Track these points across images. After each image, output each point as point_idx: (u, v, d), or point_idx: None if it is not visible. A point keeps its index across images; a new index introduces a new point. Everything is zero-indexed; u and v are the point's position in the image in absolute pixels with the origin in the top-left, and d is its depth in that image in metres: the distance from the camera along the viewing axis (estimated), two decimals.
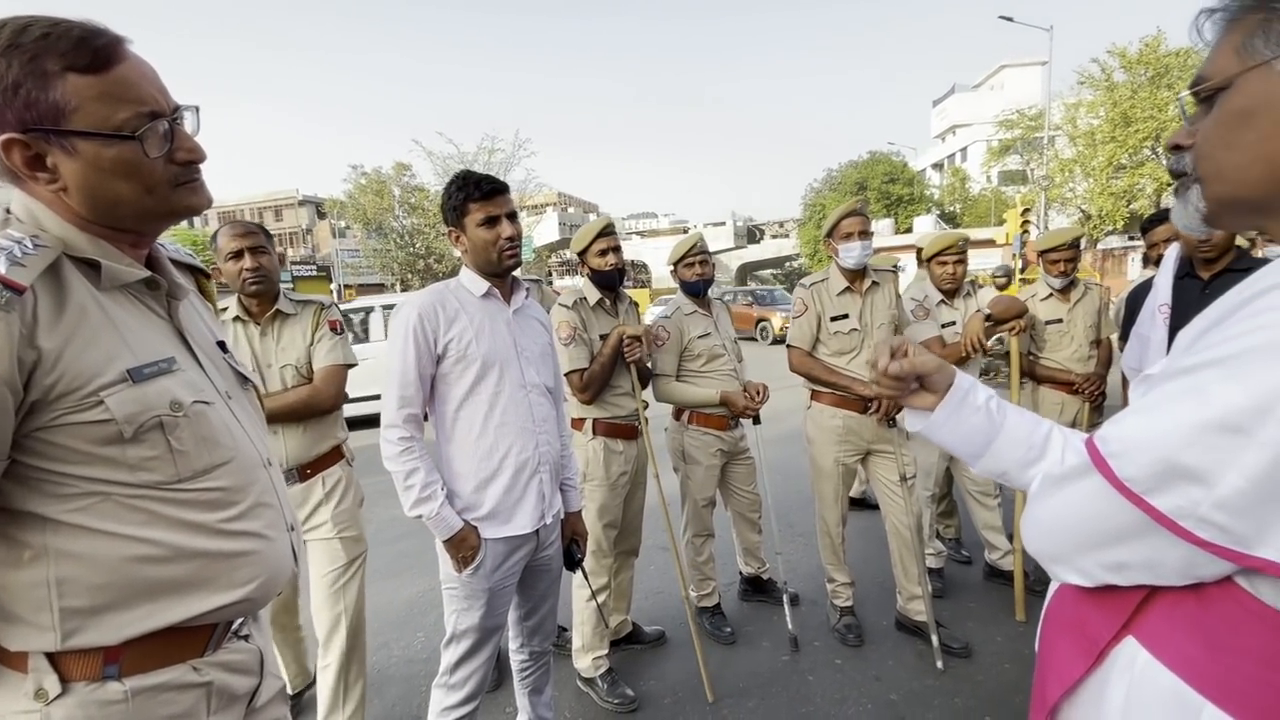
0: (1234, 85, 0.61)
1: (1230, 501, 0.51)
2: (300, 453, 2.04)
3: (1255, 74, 0.59)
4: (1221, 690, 0.57)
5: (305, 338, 2.08)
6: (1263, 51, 0.59)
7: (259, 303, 2.05)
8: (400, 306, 1.64)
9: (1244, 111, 0.60)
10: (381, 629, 3.00)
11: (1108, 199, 18.03)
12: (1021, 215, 14.54)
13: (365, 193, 26.71)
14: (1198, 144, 0.65)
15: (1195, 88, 0.64)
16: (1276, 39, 0.58)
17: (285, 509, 0.97)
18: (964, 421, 0.83)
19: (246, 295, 2.02)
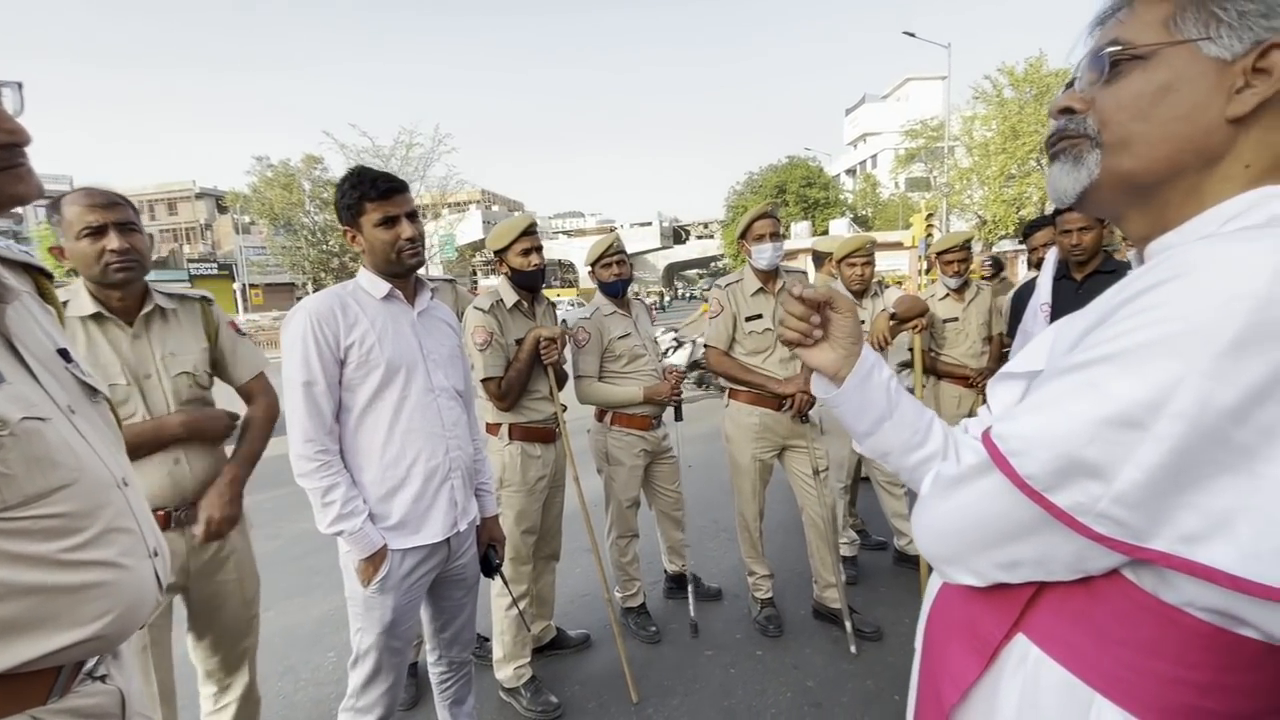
0: (1158, 56, 0.59)
1: (1127, 495, 0.52)
2: (202, 480, 1.68)
3: (1182, 50, 0.59)
4: (1109, 681, 0.58)
5: (200, 340, 1.73)
6: (1192, 31, 0.58)
7: (123, 296, 1.60)
8: (293, 312, 1.54)
9: (1165, 85, 0.59)
10: (287, 651, 2.82)
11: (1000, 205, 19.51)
12: (926, 220, 15.50)
13: (272, 186, 25.11)
14: (1107, 109, 0.63)
15: (1112, 48, 0.62)
16: (1206, 21, 0.58)
17: (147, 533, 0.87)
18: (867, 396, 0.82)
19: (108, 285, 1.56)
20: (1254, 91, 0.56)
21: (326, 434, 1.52)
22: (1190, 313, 0.49)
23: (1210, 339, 0.48)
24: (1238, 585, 0.50)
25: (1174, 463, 0.50)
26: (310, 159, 25.00)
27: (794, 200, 30.43)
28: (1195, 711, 0.55)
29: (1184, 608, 0.55)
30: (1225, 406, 0.48)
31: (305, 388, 1.50)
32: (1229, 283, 0.48)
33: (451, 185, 24.70)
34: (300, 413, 1.50)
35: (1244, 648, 0.53)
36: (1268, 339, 0.47)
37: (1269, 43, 0.56)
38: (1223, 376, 0.48)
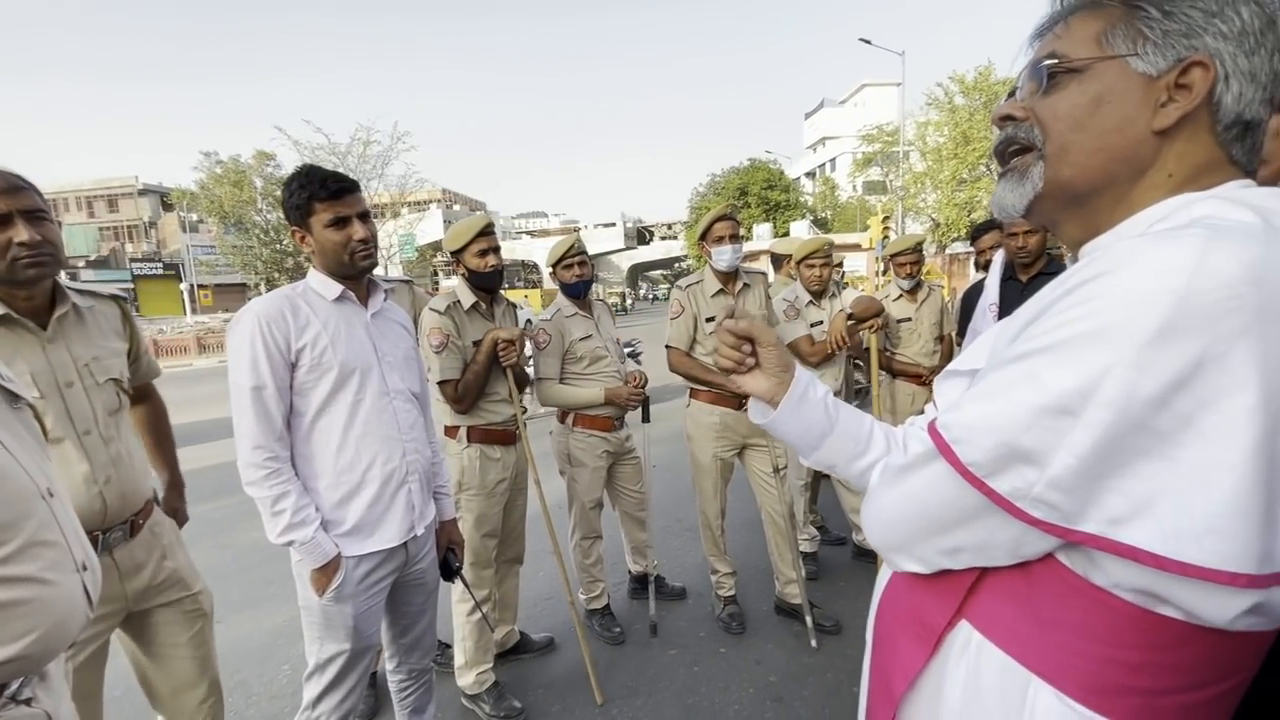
0: (1091, 70, 0.62)
1: (1061, 480, 0.54)
2: (135, 497, 1.53)
3: (1113, 65, 0.62)
4: (1045, 663, 0.60)
5: (121, 344, 1.59)
6: (1122, 46, 0.61)
7: (32, 295, 1.39)
8: (240, 315, 1.48)
9: (1097, 97, 0.62)
10: (240, 665, 2.72)
11: (953, 209, 20.15)
12: (883, 222, 15.91)
13: (221, 183, 24.15)
14: (1046, 119, 0.66)
15: (1049, 61, 0.65)
16: (1134, 38, 0.61)
17: (74, 545, 0.83)
18: (804, 417, 0.85)
19: (16, 284, 1.35)
20: (1176, 106, 0.60)
21: (276, 440, 1.47)
22: (1117, 306, 0.52)
23: (1135, 331, 0.51)
24: (1159, 564, 0.53)
25: (1102, 448, 0.53)
26: (262, 155, 24.14)
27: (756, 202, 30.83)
28: (1126, 690, 0.58)
29: (1112, 590, 0.58)
30: (1148, 395, 0.51)
31: (254, 392, 1.45)
32: (1152, 279, 0.51)
33: (411, 184, 24.20)
34: (249, 418, 1.45)
35: (1168, 627, 0.56)
36: (1186, 332, 0.49)
37: (1189, 60, 0.59)
38: (1146, 367, 0.51)
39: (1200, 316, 0.49)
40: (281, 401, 1.48)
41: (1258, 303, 0.49)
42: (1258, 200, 0.57)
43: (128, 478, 1.50)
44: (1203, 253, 0.50)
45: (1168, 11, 0.60)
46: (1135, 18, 0.61)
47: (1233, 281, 0.49)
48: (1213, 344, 0.49)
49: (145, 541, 1.56)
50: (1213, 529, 0.51)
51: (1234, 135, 0.61)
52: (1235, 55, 0.59)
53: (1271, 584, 0.53)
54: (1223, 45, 0.59)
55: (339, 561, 1.51)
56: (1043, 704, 0.60)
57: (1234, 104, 0.59)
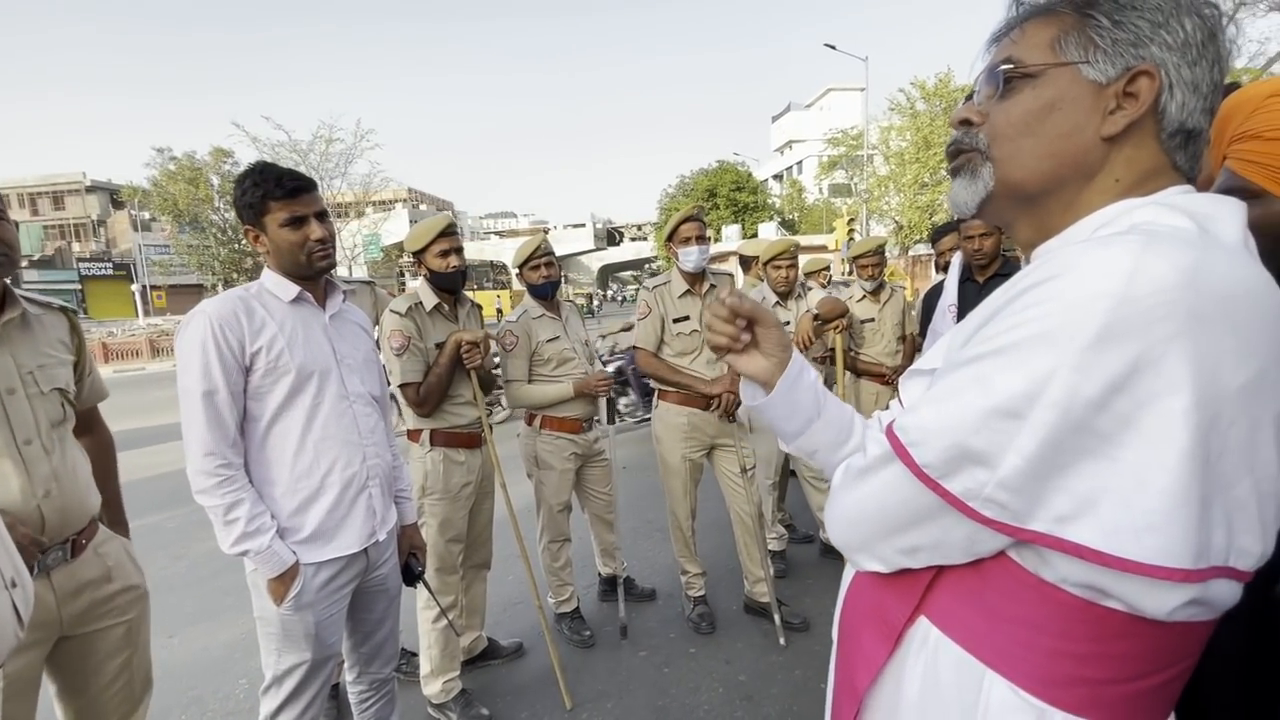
0: (1044, 76, 0.64)
1: (1010, 481, 0.56)
2: (78, 514, 1.43)
3: (1065, 71, 0.63)
4: (999, 656, 0.62)
5: (69, 356, 1.50)
6: (1074, 54, 0.63)
7: None
8: (190, 317, 1.43)
9: (1049, 103, 0.63)
10: (192, 681, 2.62)
11: (915, 212, 20.65)
12: (848, 224, 16.21)
13: (175, 181, 23.35)
14: (997, 124, 0.67)
15: (1005, 66, 0.66)
16: (1085, 44, 0.62)
17: (3, 561, 0.79)
18: (796, 400, 0.84)
19: None
20: (1124, 114, 0.62)
21: (229, 447, 1.42)
22: (1060, 311, 0.54)
23: (1077, 335, 0.52)
24: (1101, 560, 0.54)
25: (1047, 449, 0.54)
26: (219, 152, 23.40)
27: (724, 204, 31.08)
28: (1074, 681, 0.60)
29: (1059, 584, 0.59)
30: (1088, 397, 0.52)
31: (206, 397, 1.39)
32: (1092, 284, 0.53)
33: (375, 183, 23.76)
34: (200, 425, 1.40)
35: (1111, 620, 0.58)
36: (1123, 335, 0.51)
37: (1136, 69, 0.61)
38: (1086, 369, 0.52)
39: (1136, 321, 0.51)
40: (235, 406, 1.44)
41: (1190, 307, 0.50)
42: (1195, 206, 0.59)
43: (70, 492, 1.41)
44: (1138, 258, 0.52)
45: (1117, 20, 0.62)
46: (1087, 25, 0.63)
47: (1166, 286, 0.51)
48: (1148, 347, 0.51)
49: (88, 563, 1.45)
50: (1151, 526, 0.53)
51: (1178, 143, 0.63)
52: (1179, 65, 0.61)
53: (1207, 577, 0.55)
54: (1168, 55, 0.61)
55: (297, 569, 1.47)
56: (996, 696, 0.62)
57: (1178, 113, 0.61)
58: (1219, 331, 0.51)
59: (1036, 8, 0.67)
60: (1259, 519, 0.56)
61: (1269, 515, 0.56)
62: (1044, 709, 0.60)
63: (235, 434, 1.44)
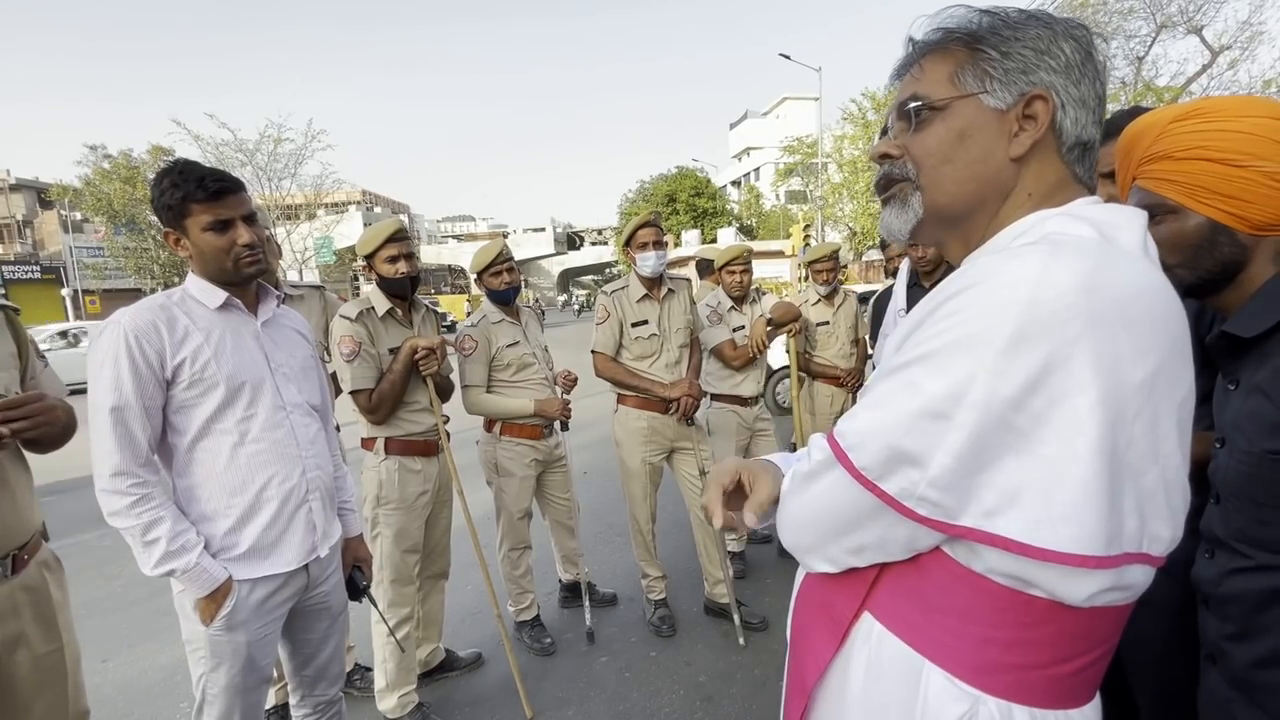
0: (950, 108, 0.69)
1: (940, 479, 0.59)
2: (18, 527, 1.35)
3: (969, 102, 0.68)
4: (934, 646, 0.66)
5: (11, 357, 1.44)
6: (972, 85, 0.68)
7: None
8: (104, 328, 1.34)
9: (961, 132, 0.68)
10: (130, 707, 2.49)
11: (868, 218, 21.25)
12: (804, 230, 16.56)
13: (110, 180, 22.20)
14: (918, 155, 0.72)
15: (914, 103, 0.71)
16: (981, 76, 0.67)
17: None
18: None
19: None
20: (1028, 134, 0.67)
21: (141, 465, 1.35)
22: (977, 317, 0.58)
23: (992, 339, 0.56)
24: (1023, 550, 0.58)
25: (972, 447, 0.58)
26: (158, 150, 22.31)
27: (684, 209, 31.38)
28: (1003, 667, 0.64)
29: (987, 574, 0.63)
30: (1006, 396, 0.56)
31: (114, 413, 1.31)
32: (1004, 291, 0.57)
33: (328, 184, 23.09)
34: (108, 442, 1.31)
35: (1034, 607, 0.62)
36: (1033, 339, 0.55)
37: (1031, 94, 0.67)
38: (1003, 371, 0.56)
39: (1044, 324, 0.55)
40: (149, 423, 1.35)
41: (1090, 310, 0.55)
42: (1099, 216, 0.64)
43: (13, 505, 1.34)
44: (1044, 267, 0.56)
45: (1005, 52, 0.67)
46: (979, 59, 0.68)
47: (1068, 291, 0.55)
48: (1056, 349, 0.55)
49: (29, 581, 1.37)
50: (1065, 516, 0.57)
51: (1075, 155, 0.69)
52: (1066, 85, 0.67)
53: (1121, 563, 0.59)
54: (1055, 78, 0.66)
55: (229, 586, 1.40)
56: (934, 685, 0.65)
57: (1073, 128, 0.67)
58: (1117, 331, 0.55)
59: (930, 44, 0.72)
60: (1167, 505, 0.60)
61: (1176, 501, 0.61)
62: (978, 695, 0.64)
63: (148, 451, 1.37)
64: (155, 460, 1.39)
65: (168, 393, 1.38)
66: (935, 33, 0.71)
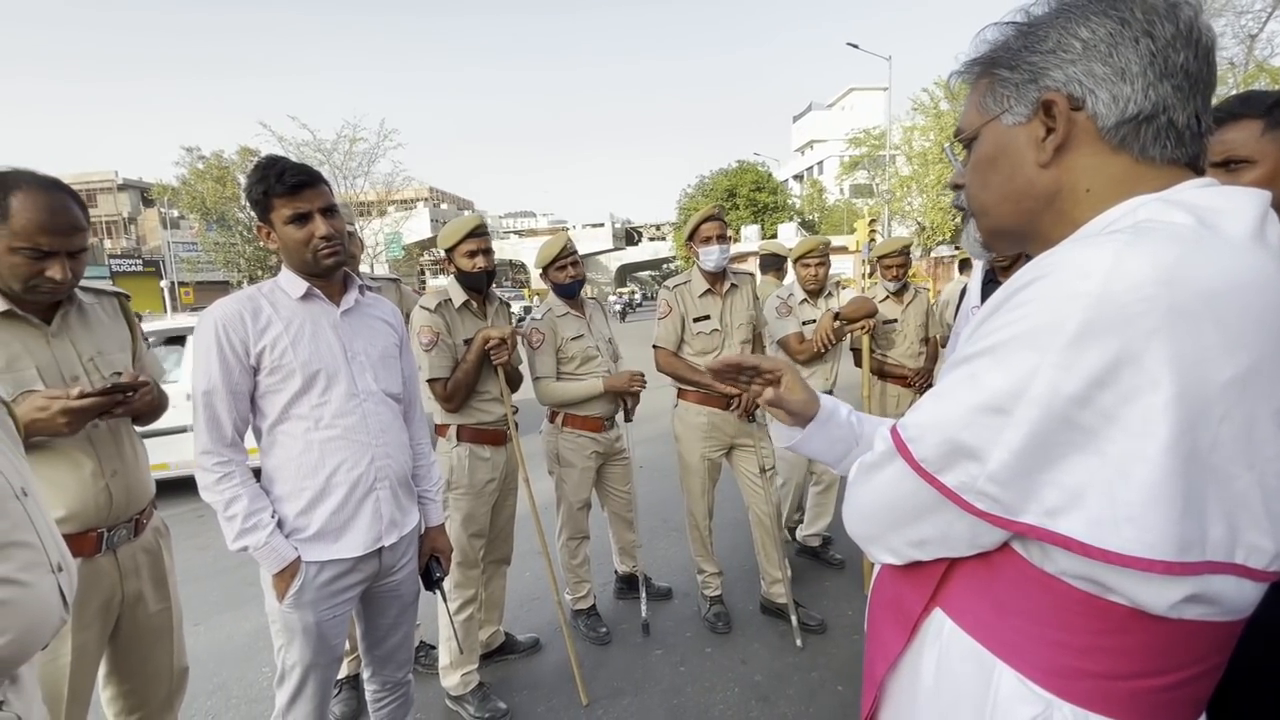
0: (980, 136, 0.71)
1: (999, 474, 0.58)
2: (141, 494, 1.52)
3: (994, 126, 0.69)
4: (1007, 647, 0.64)
5: (124, 340, 1.57)
6: (993, 108, 0.69)
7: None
8: (201, 318, 1.45)
9: (989, 158, 0.70)
10: (217, 669, 2.68)
11: (938, 213, 20.41)
12: (869, 225, 16.06)
13: (203, 179, 23.83)
14: (966, 185, 0.75)
15: (957, 138, 0.75)
16: (1000, 98, 0.68)
17: (49, 546, 0.82)
18: (829, 435, 0.93)
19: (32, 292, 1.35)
20: (1051, 139, 0.65)
21: (226, 445, 1.44)
22: (1043, 310, 0.56)
23: (1056, 333, 0.54)
24: (1085, 551, 0.56)
25: (1033, 444, 0.56)
26: (246, 151, 23.80)
27: (744, 204, 30.98)
28: (1078, 673, 0.61)
29: (1060, 576, 0.61)
30: (1070, 393, 0.54)
31: (204, 396, 1.42)
32: (1071, 283, 0.54)
33: (398, 182, 24.03)
34: (200, 423, 1.43)
35: (1112, 612, 0.59)
36: (1101, 332, 0.52)
37: (1042, 100, 0.65)
38: (1068, 366, 0.54)
39: (1115, 317, 0.52)
40: (234, 406, 1.44)
41: (1169, 302, 0.51)
42: (1201, 200, 0.59)
43: (134, 473, 1.50)
44: (1118, 256, 0.53)
45: (1013, 65, 0.67)
46: (995, 82, 0.69)
47: (1144, 282, 0.52)
48: (1128, 343, 0.52)
49: (146, 544, 1.55)
50: (1130, 517, 0.54)
51: (1127, 135, 0.63)
52: (1089, 69, 0.63)
53: (1201, 571, 0.55)
54: (1071, 69, 0.63)
55: (298, 565, 1.47)
56: (1006, 685, 0.64)
57: (1109, 108, 0.63)
58: (1202, 326, 0.52)
59: (962, 78, 0.74)
60: (1267, 515, 0.55)
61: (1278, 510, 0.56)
62: (1051, 700, 0.62)
63: (232, 433, 1.46)
64: (239, 441, 1.48)
65: (254, 378, 1.46)
66: (964, 64, 0.73)
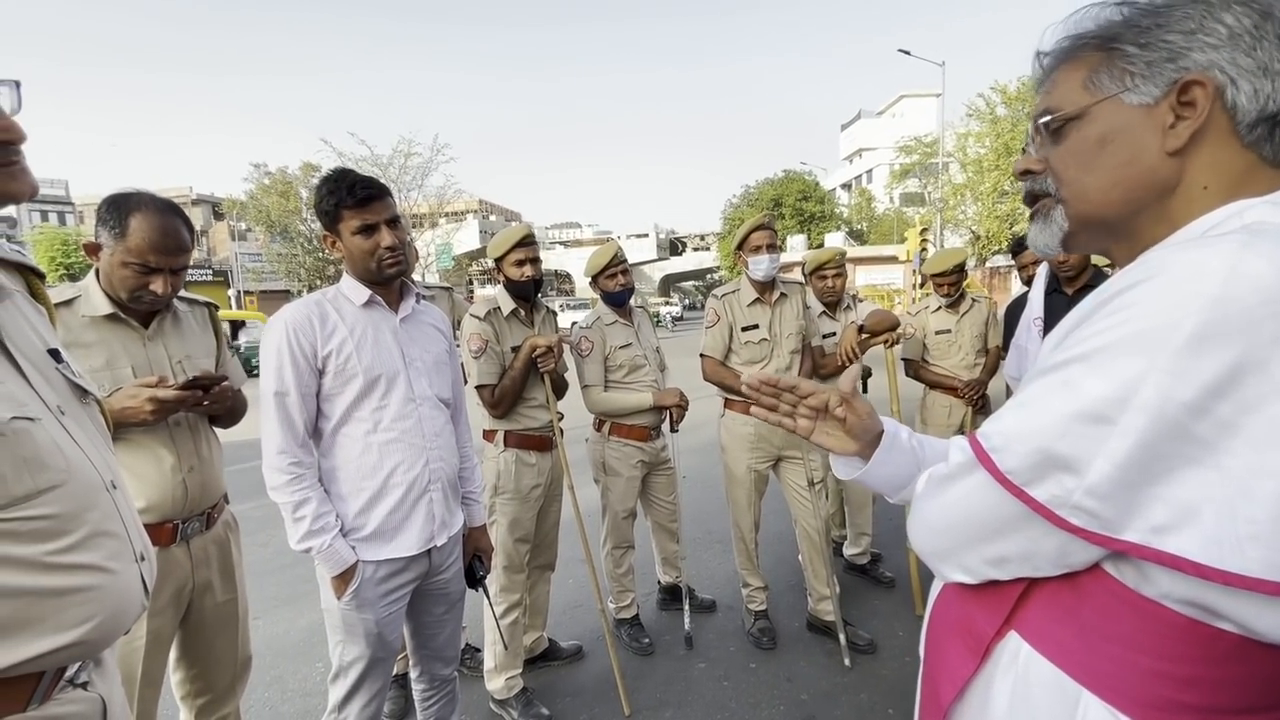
0: (1087, 115, 0.65)
1: (1099, 487, 0.54)
2: (214, 489, 1.63)
3: (1107, 105, 0.64)
4: (1095, 676, 0.60)
5: (210, 346, 1.69)
6: (1109, 86, 0.64)
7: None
8: (272, 322, 1.51)
9: (1099, 139, 0.65)
10: (275, 661, 2.78)
11: (994, 221, 19.72)
12: (920, 234, 15.65)
13: (269, 193, 25.15)
14: (1058, 168, 0.69)
15: (1050, 116, 0.68)
16: (1119, 75, 0.64)
17: (134, 537, 0.86)
18: (893, 462, 0.86)
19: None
20: (1185, 124, 0.61)
21: (299, 446, 1.49)
22: (1151, 313, 0.52)
23: (1168, 337, 0.51)
24: (1201, 572, 0.51)
25: (1140, 455, 0.52)
26: (308, 167, 25.01)
27: (790, 214, 30.65)
28: (1177, 706, 0.57)
29: (1161, 600, 0.56)
30: (1184, 401, 0.50)
31: (277, 398, 1.47)
32: (1186, 284, 0.51)
33: (449, 195, 24.79)
34: (272, 424, 1.48)
35: (1221, 641, 0.55)
36: (1221, 337, 0.49)
37: (1184, 80, 0.60)
38: (1181, 373, 0.50)
39: (1236, 322, 0.49)
40: (305, 408, 1.50)
41: None
42: None
43: (209, 469, 1.60)
44: (1237, 258, 0.50)
45: (1144, 44, 0.62)
46: (1114, 58, 0.64)
47: (1266, 285, 0.48)
48: (1251, 350, 0.49)
49: (217, 536, 1.65)
50: (1255, 536, 0.49)
51: (1261, 134, 0.60)
52: (1234, 58, 0.59)
53: None
54: (1215, 55, 0.59)
55: (356, 568, 1.51)
56: (1092, 716, 0.59)
57: (1251, 102, 0.59)
58: None
59: (1058, 55, 0.68)
60: None
61: None
62: None
63: (305, 434, 1.51)
64: (310, 443, 1.54)
65: (320, 381, 1.52)
66: (1064, 41, 0.68)
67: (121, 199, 1.45)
